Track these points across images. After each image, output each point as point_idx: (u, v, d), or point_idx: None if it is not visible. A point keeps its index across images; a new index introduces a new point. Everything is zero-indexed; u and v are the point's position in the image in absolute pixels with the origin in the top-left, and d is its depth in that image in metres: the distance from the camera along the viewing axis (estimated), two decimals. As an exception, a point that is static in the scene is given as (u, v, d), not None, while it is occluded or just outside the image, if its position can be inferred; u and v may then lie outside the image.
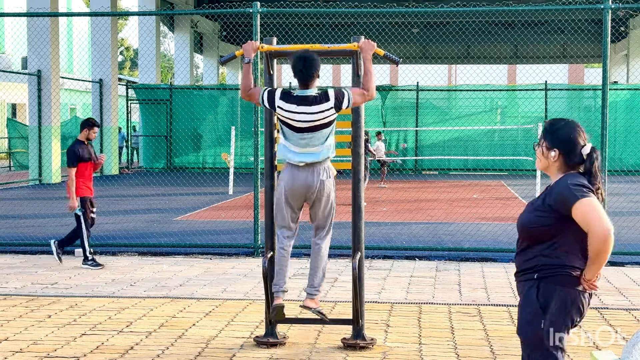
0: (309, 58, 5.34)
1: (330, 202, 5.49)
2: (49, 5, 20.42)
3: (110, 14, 19.71)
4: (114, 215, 13.75)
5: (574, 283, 3.46)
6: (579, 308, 3.49)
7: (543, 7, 9.86)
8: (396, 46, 33.99)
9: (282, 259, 5.53)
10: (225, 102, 27.80)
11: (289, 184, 5.42)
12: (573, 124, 3.59)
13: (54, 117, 20.65)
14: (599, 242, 3.32)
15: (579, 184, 3.44)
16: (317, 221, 5.55)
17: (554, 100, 26.22)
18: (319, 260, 5.54)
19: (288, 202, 5.47)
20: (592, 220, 3.34)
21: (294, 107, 5.30)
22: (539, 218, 3.50)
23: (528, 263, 3.54)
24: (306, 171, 5.39)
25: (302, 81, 5.36)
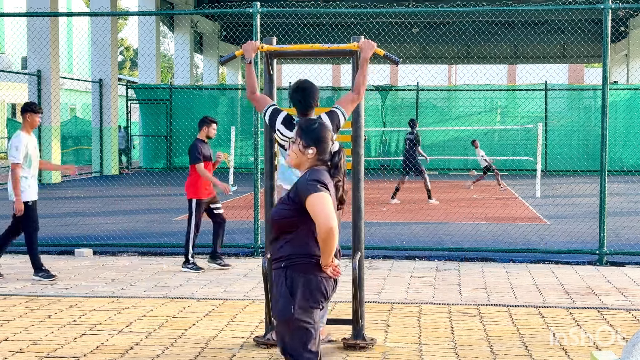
0: (307, 89, 5.39)
1: None
2: (49, 5, 20.41)
3: (110, 14, 19.74)
4: (114, 215, 13.75)
5: (316, 270, 3.83)
6: (322, 292, 3.87)
7: (543, 7, 9.85)
8: (396, 46, 33.98)
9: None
10: (225, 102, 27.80)
11: None
12: (325, 125, 4.04)
13: (54, 117, 20.65)
14: (323, 234, 3.71)
15: (315, 179, 3.82)
16: None
17: (554, 100, 26.22)
18: None
19: None
20: (317, 213, 3.72)
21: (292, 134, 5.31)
22: (284, 210, 3.86)
23: (278, 252, 3.90)
24: None
25: (300, 111, 5.41)
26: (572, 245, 10.02)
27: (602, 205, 9.06)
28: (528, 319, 6.48)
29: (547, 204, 15.37)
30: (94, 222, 12.87)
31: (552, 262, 9.18)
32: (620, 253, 9.27)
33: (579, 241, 10.33)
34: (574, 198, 16.75)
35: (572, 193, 18.35)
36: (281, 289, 3.86)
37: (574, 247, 9.85)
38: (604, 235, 9.02)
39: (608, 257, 9.15)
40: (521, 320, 6.44)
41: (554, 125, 26.08)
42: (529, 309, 6.87)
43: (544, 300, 7.25)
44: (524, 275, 8.41)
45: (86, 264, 9.08)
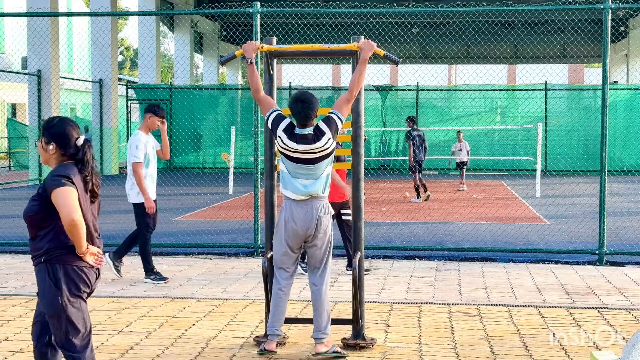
0: (307, 101, 5.38)
1: (327, 239, 5.47)
2: (49, 5, 20.41)
3: (110, 14, 19.66)
4: (114, 215, 13.75)
5: (76, 260, 3.98)
6: (85, 281, 4.03)
7: (543, 7, 9.85)
8: (396, 46, 33.98)
9: (279, 300, 5.49)
10: (225, 102, 27.80)
11: (290, 223, 5.40)
12: (67, 119, 4.15)
13: (54, 117, 20.63)
14: (67, 226, 3.88)
15: (59, 174, 3.98)
16: (314, 260, 5.51)
17: (554, 100, 26.22)
18: (320, 302, 5.47)
19: (287, 242, 5.45)
20: (61, 207, 3.88)
21: (293, 144, 5.33)
22: (34, 207, 3.99)
23: (37, 249, 4.02)
24: (305, 207, 5.38)
25: (300, 121, 5.39)
26: (572, 245, 10.02)
27: (602, 205, 9.06)
28: (528, 319, 6.49)
29: (547, 204, 15.37)
30: (94, 222, 12.85)
31: (552, 262, 9.18)
32: (620, 253, 9.28)
33: (579, 241, 10.33)
34: (574, 198, 16.76)
35: (572, 193, 18.35)
36: (45, 284, 4.00)
37: (574, 247, 9.85)
38: (603, 235, 9.03)
39: (608, 257, 9.15)
40: (521, 320, 6.44)
41: (553, 125, 26.09)
42: (529, 308, 6.87)
43: (544, 300, 7.25)
44: (524, 275, 8.42)
45: (86, 264, 9.07)
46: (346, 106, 5.46)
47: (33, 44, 20.49)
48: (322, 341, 5.42)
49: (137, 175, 7.86)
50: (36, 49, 20.43)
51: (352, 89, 5.42)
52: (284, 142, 5.35)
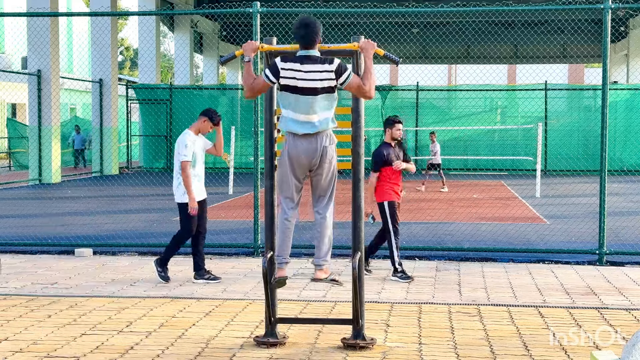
0: (311, 23, 5.39)
1: (332, 168, 5.54)
2: (49, 5, 20.41)
3: (110, 14, 19.72)
4: (114, 215, 13.75)
5: None
6: None
7: (543, 7, 9.85)
8: (396, 46, 33.98)
9: (286, 230, 5.57)
10: (225, 102, 27.80)
11: (293, 152, 5.45)
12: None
13: (54, 117, 20.65)
14: None
15: None
16: (319, 189, 5.57)
17: (554, 100, 26.22)
18: (324, 229, 5.56)
19: (293, 172, 5.51)
20: None
21: (297, 65, 5.32)
22: None
23: None
24: (309, 139, 5.43)
25: (303, 43, 5.39)
26: (572, 245, 10.02)
27: (602, 205, 9.06)
28: (528, 319, 6.48)
29: (547, 204, 15.37)
30: (94, 222, 12.87)
31: (552, 262, 9.18)
32: (620, 253, 9.28)
33: (579, 241, 10.33)
34: (574, 198, 16.76)
35: (572, 193, 18.36)
36: None
37: (574, 247, 9.85)
38: (603, 235, 9.03)
39: (608, 257, 9.15)
40: (521, 320, 6.44)
41: (553, 125, 26.09)
42: (529, 308, 6.87)
43: (544, 300, 7.25)
44: (524, 275, 8.42)
45: (86, 264, 9.08)
46: (357, 85, 5.37)
47: (33, 44, 20.49)
48: (322, 267, 5.55)
49: (184, 174, 7.78)
50: (36, 49, 20.43)
51: (367, 85, 5.38)
52: (287, 68, 5.33)
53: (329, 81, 5.35)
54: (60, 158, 22.06)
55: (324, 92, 5.37)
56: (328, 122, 5.45)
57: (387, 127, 8.34)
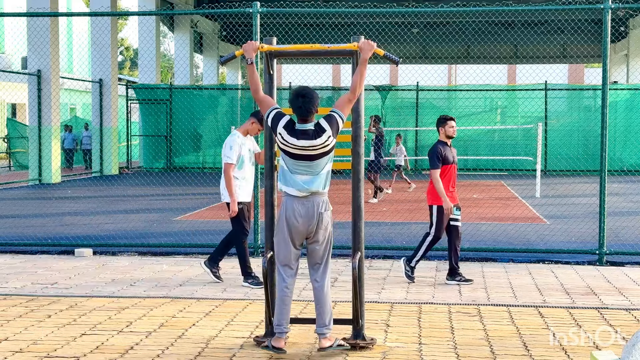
0: (307, 95, 5.38)
1: (327, 235, 5.50)
2: (49, 5, 20.41)
3: (110, 14, 19.67)
4: (114, 215, 13.76)
5: None
6: None
7: (543, 7, 9.85)
8: (396, 46, 33.98)
9: (285, 298, 5.49)
10: (225, 102, 27.80)
11: (291, 220, 5.42)
12: None
13: (54, 117, 20.65)
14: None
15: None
16: (315, 257, 5.53)
17: (554, 100, 26.22)
18: (323, 298, 5.50)
19: (291, 240, 5.47)
20: None
21: (294, 140, 5.34)
22: None
23: None
24: (306, 204, 5.40)
25: (300, 116, 5.39)
26: (572, 245, 10.02)
27: (602, 205, 9.06)
28: (528, 319, 6.49)
29: (547, 204, 15.37)
30: (94, 222, 12.87)
31: (552, 262, 9.18)
32: (620, 253, 9.27)
33: (579, 241, 10.33)
34: (574, 198, 16.76)
35: (572, 193, 18.35)
36: None
37: (574, 247, 9.85)
38: (603, 235, 9.02)
39: (608, 257, 9.15)
40: (521, 320, 6.44)
41: (554, 125, 26.08)
42: (529, 308, 6.87)
43: (544, 300, 7.25)
44: (524, 275, 8.42)
45: (86, 264, 9.08)
46: (348, 106, 5.47)
47: (33, 44, 20.49)
48: (326, 336, 5.47)
49: (227, 176, 7.66)
50: (36, 49, 20.43)
51: (354, 89, 5.43)
52: (285, 138, 5.36)
53: (328, 145, 5.38)
54: (60, 158, 22.06)
55: (322, 155, 5.40)
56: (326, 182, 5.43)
57: (440, 125, 8.12)
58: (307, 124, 5.38)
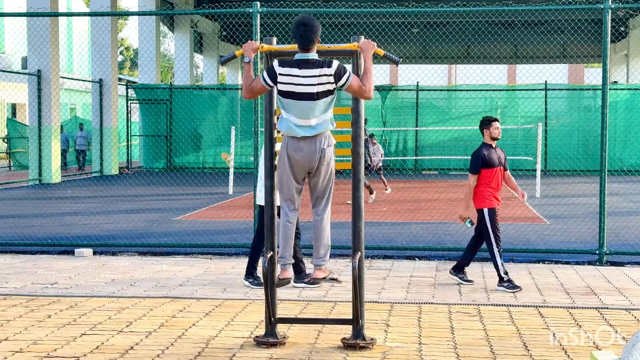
0: (309, 23, 5.38)
1: (330, 170, 5.56)
2: (49, 5, 20.42)
3: (110, 14, 19.72)
4: (114, 215, 13.76)
5: None
6: None
7: (543, 7, 9.85)
8: (396, 46, 33.98)
9: (288, 231, 5.61)
10: (225, 102, 27.80)
11: (292, 154, 5.47)
12: None
13: (54, 117, 20.66)
14: None
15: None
16: (317, 191, 5.60)
17: (554, 100, 26.22)
18: (322, 231, 5.61)
19: (292, 174, 5.53)
20: None
21: (295, 70, 5.32)
22: None
23: None
24: (307, 141, 5.44)
25: (302, 45, 5.39)
26: (572, 245, 10.02)
27: (602, 205, 9.06)
28: (528, 319, 6.49)
29: (547, 204, 15.37)
30: (94, 222, 12.87)
31: (552, 262, 9.18)
32: (620, 253, 9.27)
33: (579, 241, 10.33)
34: (574, 198, 16.76)
35: (572, 193, 18.35)
36: None
37: (574, 247, 9.85)
38: (603, 235, 9.02)
39: (608, 257, 9.15)
40: (521, 320, 6.44)
41: (554, 125, 26.08)
42: (529, 308, 6.87)
43: (544, 300, 7.25)
44: (524, 275, 8.42)
45: (86, 264, 9.08)
46: (357, 86, 5.37)
47: (33, 44, 20.49)
48: (321, 267, 5.61)
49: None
50: (36, 49, 20.43)
51: (367, 86, 5.38)
52: (284, 74, 5.33)
53: (327, 85, 5.35)
54: (60, 158, 22.06)
55: (322, 96, 5.38)
56: (327, 124, 5.46)
57: (484, 127, 8.01)
58: (309, 54, 5.37)
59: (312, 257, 5.69)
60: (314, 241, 5.66)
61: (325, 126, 5.45)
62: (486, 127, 7.99)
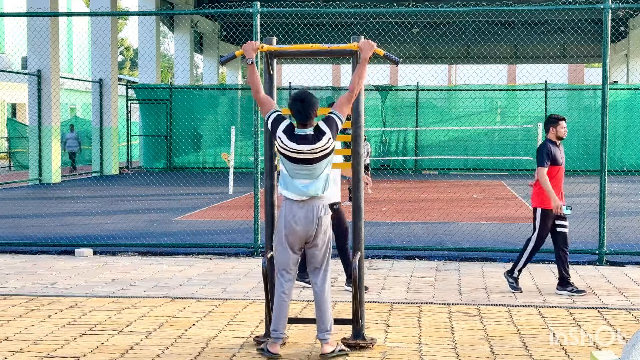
0: (306, 100, 5.37)
1: (327, 239, 5.49)
2: (49, 5, 20.41)
3: (110, 14, 19.74)
4: (114, 215, 13.76)
5: None
6: None
7: (543, 7, 9.85)
8: (396, 46, 33.99)
9: (282, 303, 5.49)
10: (225, 102, 27.81)
11: (290, 224, 5.40)
12: None
13: (54, 117, 20.66)
14: None
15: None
16: (315, 261, 5.51)
17: (554, 100, 26.22)
18: (323, 303, 5.49)
19: (289, 244, 5.45)
20: None
21: (294, 145, 5.33)
22: None
23: None
24: (306, 208, 5.38)
25: (300, 121, 5.38)
26: (572, 245, 9.99)
27: (602, 205, 9.06)
28: (528, 319, 6.49)
29: (547, 204, 15.34)
30: (94, 222, 12.87)
31: (552, 262, 9.17)
32: (620, 253, 9.27)
33: (579, 241, 10.33)
34: (574, 198, 16.75)
35: (572, 193, 18.35)
36: None
37: (574, 247, 9.82)
38: (603, 235, 9.02)
39: (608, 257, 9.15)
40: (521, 320, 6.44)
41: (554, 125, 26.05)
42: (529, 309, 6.87)
43: (544, 300, 7.25)
44: (524, 275, 8.41)
45: (86, 264, 9.08)
46: (347, 106, 5.47)
47: (33, 44, 20.49)
48: (328, 341, 5.45)
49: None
50: (36, 49, 20.43)
51: (352, 89, 5.43)
52: (284, 142, 5.35)
53: (328, 148, 5.37)
54: (60, 158, 22.06)
55: (322, 158, 5.39)
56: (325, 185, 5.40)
57: (551, 125, 7.76)
58: (307, 129, 5.37)
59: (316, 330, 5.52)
60: (317, 314, 5.51)
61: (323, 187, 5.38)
62: (553, 125, 7.76)
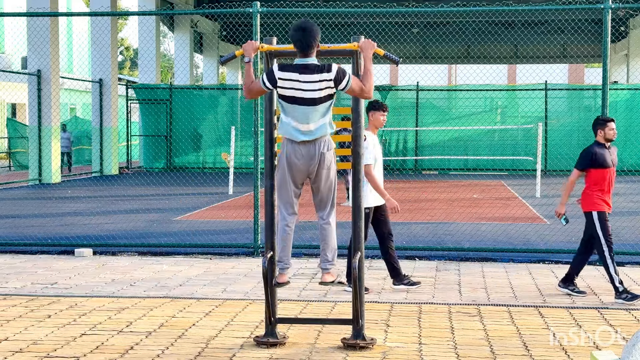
0: (307, 27, 5.35)
1: (331, 174, 5.53)
2: (49, 5, 20.42)
3: (110, 14, 19.70)
4: (114, 215, 13.75)
5: None
6: None
7: (543, 7, 9.85)
8: (396, 46, 33.99)
9: (286, 235, 5.58)
10: (225, 102, 27.80)
11: (291, 159, 5.44)
12: None
13: (54, 117, 20.66)
14: None
15: None
16: (320, 195, 5.57)
17: (554, 100, 26.22)
18: (328, 236, 5.58)
19: (291, 178, 5.50)
20: None
21: (295, 75, 5.31)
22: None
23: None
24: (307, 145, 5.42)
25: (301, 50, 5.38)
26: (572, 245, 10.00)
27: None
28: (528, 319, 6.49)
29: (547, 204, 15.36)
30: (94, 222, 12.87)
31: (552, 262, 9.18)
32: (620, 253, 9.26)
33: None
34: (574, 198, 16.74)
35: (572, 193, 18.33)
36: None
37: (574, 247, 9.82)
38: (604, 235, 9.00)
39: (608, 257, 9.13)
40: (521, 320, 6.44)
41: (554, 125, 26.08)
42: (529, 309, 6.87)
43: (544, 300, 7.25)
44: (524, 275, 8.42)
45: (86, 264, 9.08)
46: (358, 87, 5.39)
47: (33, 44, 20.49)
48: (329, 271, 5.56)
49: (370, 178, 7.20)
50: (36, 49, 20.43)
51: (367, 87, 5.39)
52: (284, 78, 5.32)
53: (328, 89, 5.35)
54: (60, 158, 22.06)
55: (323, 101, 5.37)
56: (326, 127, 5.43)
57: (599, 127, 7.63)
58: (308, 58, 5.36)
59: (319, 260, 5.65)
60: (322, 245, 5.61)
61: (324, 130, 5.43)
62: (601, 127, 7.62)
